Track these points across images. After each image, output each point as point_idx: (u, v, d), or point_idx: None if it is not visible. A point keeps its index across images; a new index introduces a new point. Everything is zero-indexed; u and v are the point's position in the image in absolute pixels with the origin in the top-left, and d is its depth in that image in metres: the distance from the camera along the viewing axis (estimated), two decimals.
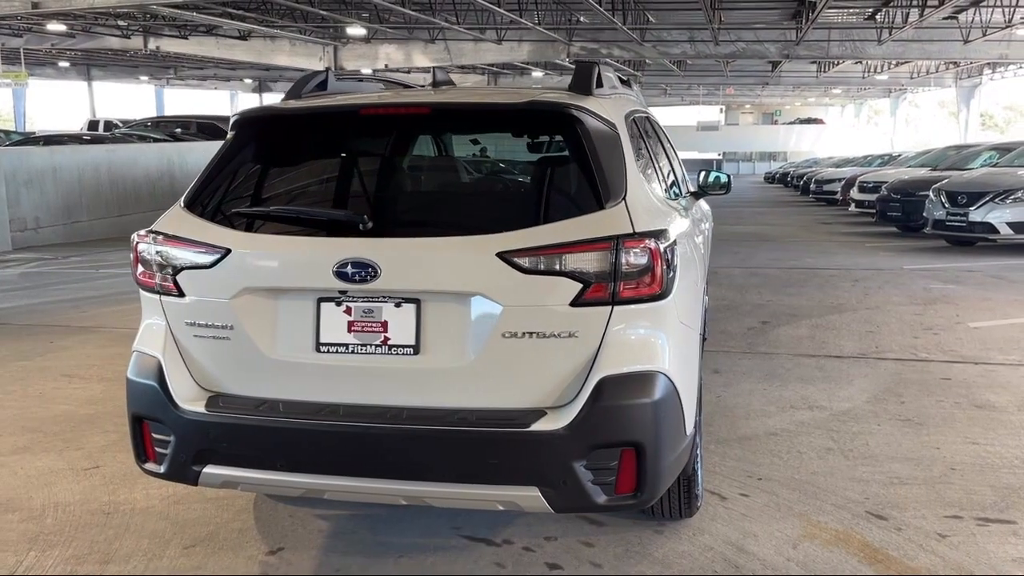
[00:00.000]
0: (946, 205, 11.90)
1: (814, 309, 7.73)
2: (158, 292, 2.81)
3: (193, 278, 2.72)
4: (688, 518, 3.34)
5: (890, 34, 20.44)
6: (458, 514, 3.43)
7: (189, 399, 2.72)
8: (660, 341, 2.59)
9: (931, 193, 12.44)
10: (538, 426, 2.47)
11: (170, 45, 25.95)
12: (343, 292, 2.59)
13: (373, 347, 2.60)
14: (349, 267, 2.53)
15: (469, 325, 2.55)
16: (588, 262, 2.48)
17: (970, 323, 7.00)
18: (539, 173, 2.77)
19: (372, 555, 3.16)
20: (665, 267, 2.54)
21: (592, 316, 2.49)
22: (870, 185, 17.52)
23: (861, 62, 32.81)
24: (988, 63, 33.14)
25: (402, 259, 2.54)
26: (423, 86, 4.23)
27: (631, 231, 2.50)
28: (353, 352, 2.62)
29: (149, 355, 2.80)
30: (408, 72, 32.97)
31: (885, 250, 12.48)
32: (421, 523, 3.41)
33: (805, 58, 25.68)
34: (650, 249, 2.51)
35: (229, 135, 2.97)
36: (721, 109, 64.15)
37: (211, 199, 2.85)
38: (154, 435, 2.79)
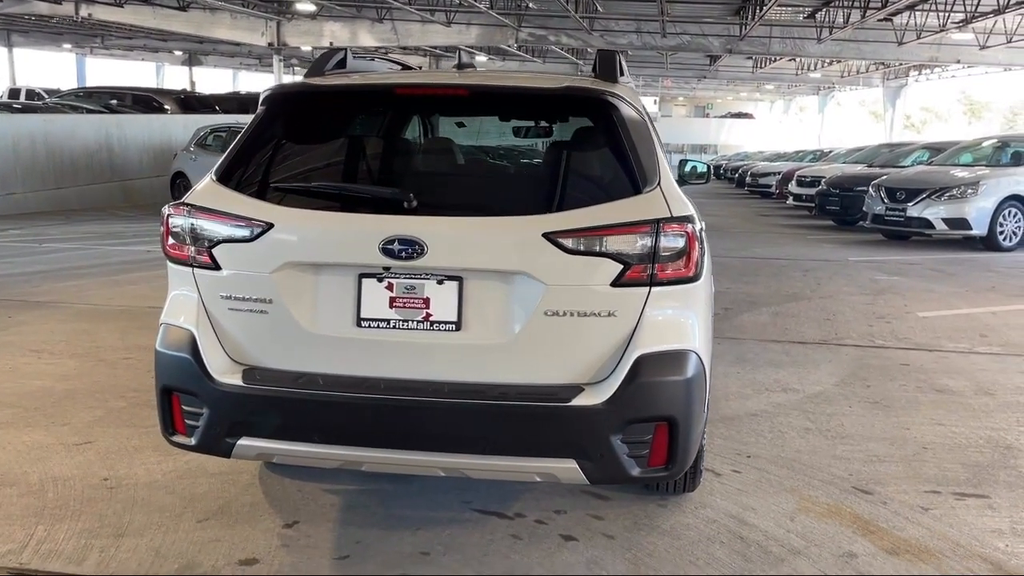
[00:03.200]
0: (885, 200, 12.42)
1: (771, 297, 8.01)
2: (191, 265, 2.80)
3: (231, 251, 2.72)
4: (690, 492, 3.49)
5: (831, 33, 21.08)
6: (466, 488, 3.51)
7: (223, 372, 2.73)
8: (691, 321, 2.72)
9: (871, 189, 12.95)
10: (578, 401, 2.57)
11: (103, 13, 24.92)
12: (387, 268, 2.64)
13: (415, 323, 2.66)
14: (396, 244, 2.57)
15: (511, 303, 2.62)
16: (629, 244, 2.58)
17: (919, 313, 7.37)
18: (577, 157, 2.86)
19: (388, 527, 3.21)
20: (700, 250, 2.67)
21: (631, 296, 2.60)
22: (808, 180, 18.13)
23: (795, 59, 33.71)
24: (915, 65, 34.42)
25: (449, 237, 2.60)
26: (420, 67, 4.27)
27: (669, 215, 2.62)
28: (394, 328, 2.66)
29: (181, 327, 2.79)
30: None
31: (827, 242, 12.96)
32: (430, 497, 3.47)
33: (747, 53, 26.30)
34: (686, 233, 2.63)
35: (260, 109, 2.97)
36: (655, 101, 65.09)
37: (245, 173, 2.85)
38: (184, 407, 2.78)
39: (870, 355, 5.89)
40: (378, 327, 2.67)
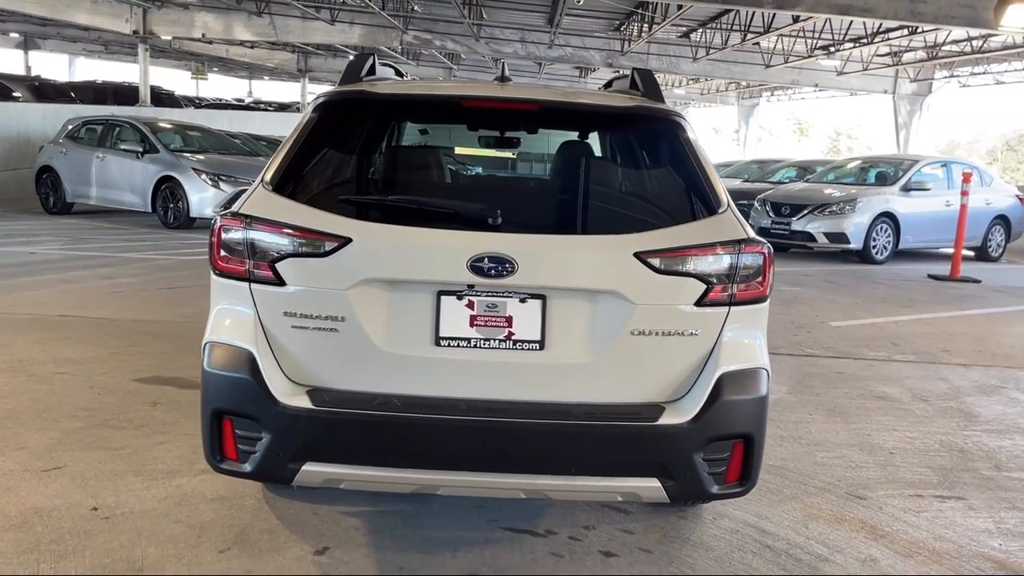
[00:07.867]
0: (771, 215, 13.15)
1: None
2: (247, 280, 2.61)
3: (300, 266, 2.56)
4: (704, 503, 3.57)
5: (707, 53, 22.11)
6: (487, 506, 3.45)
7: (287, 393, 2.57)
8: (760, 340, 2.79)
9: (756, 203, 13.67)
10: (664, 420, 2.59)
11: None
12: (470, 286, 2.56)
13: (497, 342, 2.59)
14: (485, 261, 2.50)
15: (596, 322, 2.61)
16: (714, 264, 2.63)
17: (831, 322, 7.85)
18: (655, 177, 2.87)
19: (426, 550, 3.11)
20: (773, 271, 2.75)
21: (712, 316, 2.64)
22: None
23: (662, 76, 35.10)
24: (770, 87, 36.58)
25: (538, 255, 2.55)
26: (408, 75, 4.16)
27: (746, 236, 2.68)
28: (475, 347, 2.59)
29: (236, 346, 2.59)
30: (210, 43, 31.03)
31: None
32: (455, 517, 3.39)
33: (625, 68, 27.08)
34: (763, 253, 2.70)
35: (311, 116, 2.80)
36: None
37: (303, 182, 2.68)
38: (238, 432, 2.59)
39: (806, 364, 6.23)
40: (458, 346, 2.59)
